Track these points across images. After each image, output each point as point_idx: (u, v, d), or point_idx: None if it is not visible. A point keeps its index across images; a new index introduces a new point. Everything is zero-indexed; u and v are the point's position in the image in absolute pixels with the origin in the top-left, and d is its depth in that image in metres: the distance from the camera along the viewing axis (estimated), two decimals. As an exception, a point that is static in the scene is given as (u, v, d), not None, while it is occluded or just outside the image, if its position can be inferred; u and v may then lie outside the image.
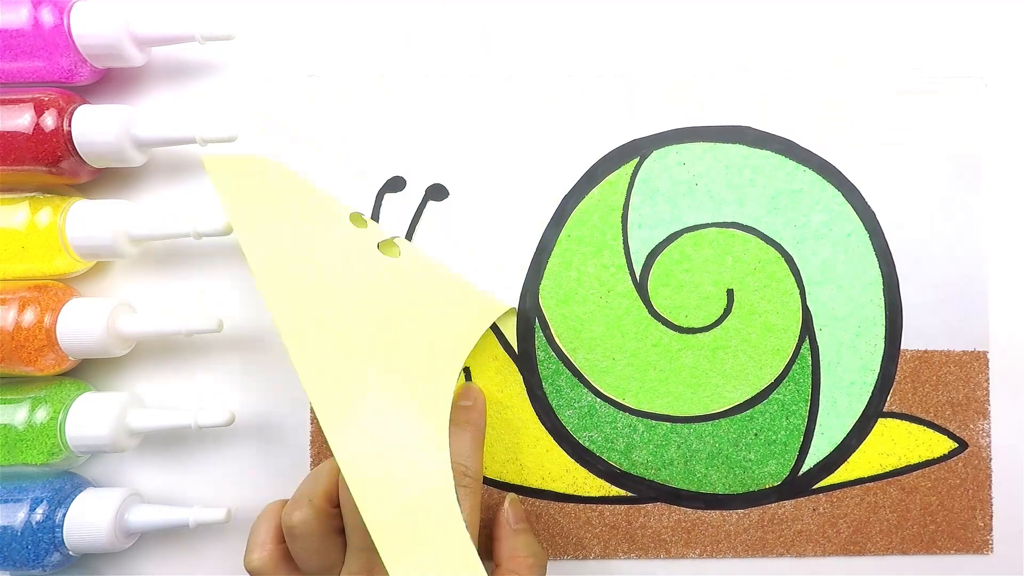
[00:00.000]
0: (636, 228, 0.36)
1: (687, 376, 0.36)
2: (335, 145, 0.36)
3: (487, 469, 0.36)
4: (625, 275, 0.36)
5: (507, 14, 0.37)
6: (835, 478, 0.37)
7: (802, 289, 0.37)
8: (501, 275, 0.36)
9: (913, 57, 0.37)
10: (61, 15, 0.33)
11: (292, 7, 0.37)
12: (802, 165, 0.37)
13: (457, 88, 0.37)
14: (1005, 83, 0.37)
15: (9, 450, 0.33)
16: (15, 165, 0.33)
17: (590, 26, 0.37)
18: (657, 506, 0.36)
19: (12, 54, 0.33)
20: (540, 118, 0.37)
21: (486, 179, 0.36)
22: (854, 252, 0.37)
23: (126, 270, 0.36)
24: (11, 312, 0.33)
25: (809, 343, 0.36)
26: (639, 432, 0.36)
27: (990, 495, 0.37)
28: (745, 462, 0.36)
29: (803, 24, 0.37)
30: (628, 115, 0.37)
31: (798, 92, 0.37)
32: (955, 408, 0.37)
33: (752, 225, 0.37)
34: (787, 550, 0.36)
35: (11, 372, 0.34)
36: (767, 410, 0.36)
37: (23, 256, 0.34)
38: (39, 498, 0.33)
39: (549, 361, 0.36)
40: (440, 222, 0.36)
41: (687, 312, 0.36)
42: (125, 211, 0.34)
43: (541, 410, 0.36)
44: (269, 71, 0.36)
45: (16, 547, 0.32)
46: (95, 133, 0.33)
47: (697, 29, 0.37)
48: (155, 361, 0.36)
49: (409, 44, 0.37)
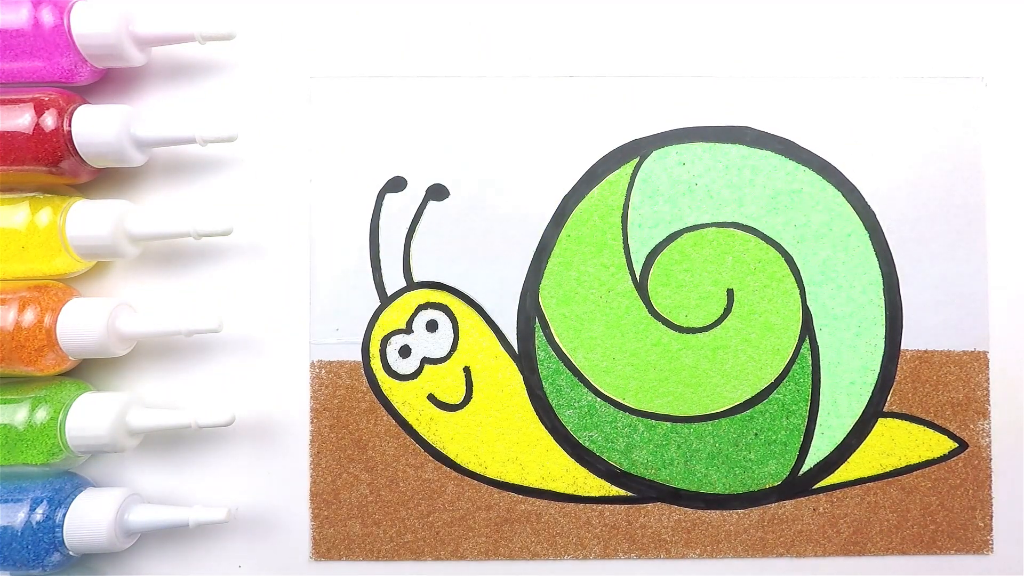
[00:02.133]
0: (636, 228, 0.36)
1: (687, 376, 0.36)
2: (335, 145, 0.36)
3: (487, 469, 0.36)
4: (625, 275, 0.36)
5: (507, 14, 0.37)
6: (835, 478, 0.37)
7: (802, 289, 0.37)
8: (501, 275, 0.36)
9: (913, 57, 0.37)
10: (61, 15, 0.33)
11: (293, 7, 0.37)
12: (802, 165, 0.37)
13: (457, 88, 0.37)
14: (1005, 83, 0.37)
15: (9, 450, 0.33)
16: (15, 165, 0.33)
17: (590, 26, 0.37)
18: (657, 506, 0.36)
19: (12, 54, 0.33)
20: (540, 118, 0.37)
21: (486, 179, 0.36)
22: (854, 252, 0.37)
23: (126, 270, 0.36)
24: (11, 312, 0.33)
25: (809, 343, 0.36)
26: (639, 432, 0.36)
27: (990, 495, 0.37)
28: (745, 462, 0.36)
29: (803, 24, 0.37)
30: (628, 115, 0.37)
31: (798, 92, 0.37)
32: (955, 408, 0.37)
33: (752, 225, 0.37)
34: (787, 550, 0.36)
35: (11, 372, 0.34)
36: (767, 410, 0.36)
37: (23, 256, 0.34)
38: (39, 498, 0.33)
39: (549, 361, 0.36)
40: (440, 222, 0.36)
41: (687, 312, 0.36)
42: (125, 211, 0.34)
43: (541, 410, 0.36)
44: (269, 71, 0.36)
45: (16, 547, 0.32)
46: (95, 133, 0.33)
47: (697, 29, 0.37)
48: (155, 361, 0.36)
49: (409, 44, 0.37)
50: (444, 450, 0.36)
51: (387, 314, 0.36)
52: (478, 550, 0.36)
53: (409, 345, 0.36)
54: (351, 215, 0.36)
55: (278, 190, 0.36)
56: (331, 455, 0.36)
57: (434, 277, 0.36)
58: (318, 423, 0.36)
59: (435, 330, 0.36)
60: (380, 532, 0.36)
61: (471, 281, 0.36)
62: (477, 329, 0.36)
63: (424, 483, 0.36)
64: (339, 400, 0.36)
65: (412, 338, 0.36)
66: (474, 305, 0.36)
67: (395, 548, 0.36)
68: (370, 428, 0.36)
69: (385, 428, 0.36)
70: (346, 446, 0.36)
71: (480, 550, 0.36)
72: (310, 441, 0.36)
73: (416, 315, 0.36)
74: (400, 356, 0.36)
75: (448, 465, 0.36)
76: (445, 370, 0.36)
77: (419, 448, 0.36)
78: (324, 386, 0.36)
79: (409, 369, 0.36)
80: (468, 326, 0.36)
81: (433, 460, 0.36)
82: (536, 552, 0.36)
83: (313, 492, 0.36)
